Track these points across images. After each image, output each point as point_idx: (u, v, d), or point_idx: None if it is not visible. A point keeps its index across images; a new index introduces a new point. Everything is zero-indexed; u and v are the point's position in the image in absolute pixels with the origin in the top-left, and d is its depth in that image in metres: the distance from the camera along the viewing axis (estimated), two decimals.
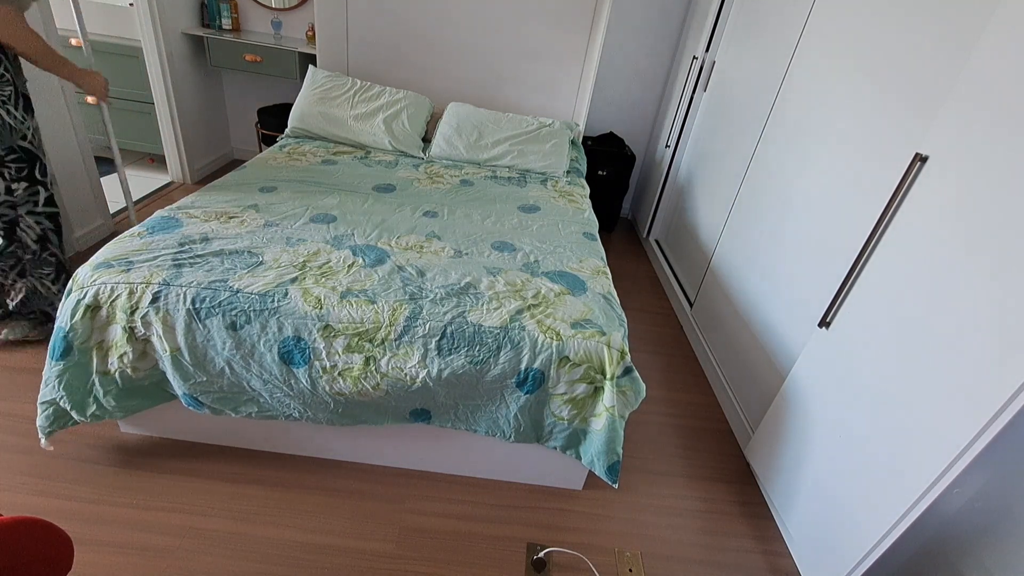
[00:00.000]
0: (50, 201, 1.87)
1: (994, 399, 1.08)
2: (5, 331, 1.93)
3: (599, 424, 1.53)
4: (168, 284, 1.45)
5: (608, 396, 1.49)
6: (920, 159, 1.32)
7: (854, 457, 1.44)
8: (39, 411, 1.50)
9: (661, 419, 2.17)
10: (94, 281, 1.45)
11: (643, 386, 1.53)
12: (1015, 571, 1.18)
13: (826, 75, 1.89)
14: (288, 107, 3.28)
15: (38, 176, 1.81)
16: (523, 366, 1.48)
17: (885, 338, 1.38)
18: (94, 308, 1.44)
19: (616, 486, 1.68)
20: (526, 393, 1.51)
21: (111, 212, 2.87)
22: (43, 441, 1.53)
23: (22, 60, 1.75)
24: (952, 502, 1.24)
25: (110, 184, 3.25)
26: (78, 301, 1.43)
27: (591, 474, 1.81)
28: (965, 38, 1.34)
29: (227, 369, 1.48)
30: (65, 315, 1.44)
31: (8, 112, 1.68)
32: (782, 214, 2.04)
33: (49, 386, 1.47)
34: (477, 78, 3.21)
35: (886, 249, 1.41)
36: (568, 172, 2.90)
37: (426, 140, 3.00)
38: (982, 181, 1.17)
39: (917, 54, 1.49)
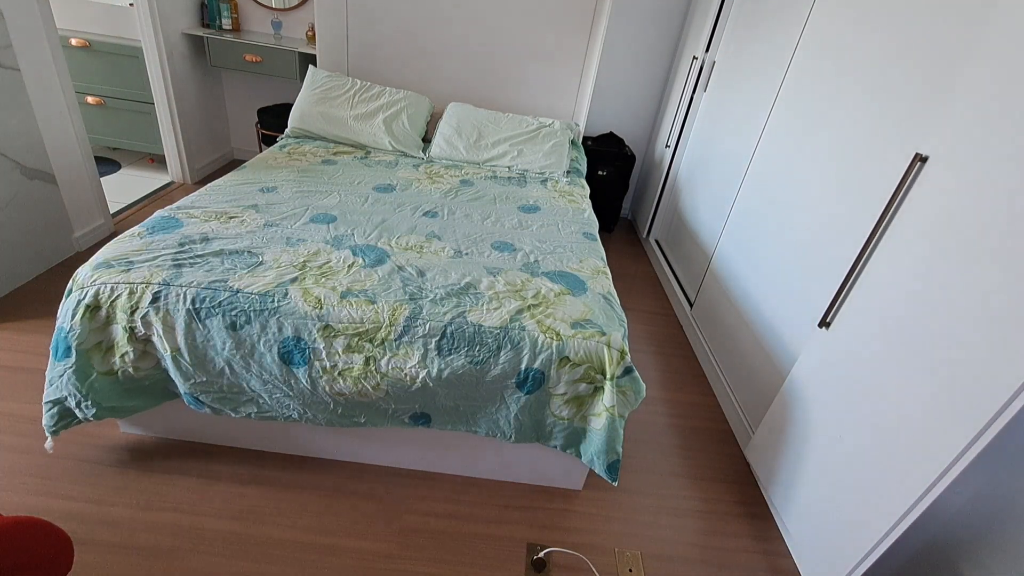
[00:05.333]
0: None
1: (994, 399, 1.08)
2: None
3: (599, 423, 1.53)
4: (168, 284, 1.45)
5: (608, 396, 1.49)
6: (920, 159, 1.32)
7: (854, 457, 1.44)
8: (44, 410, 1.50)
9: (661, 419, 2.17)
10: (94, 281, 1.45)
11: (643, 386, 1.53)
12: (1015, 571, 1.18)
13: (826, 74, 1.89)
14: (288, 107, 3.28)
15: None
16: (523, 366, 1.48)
17: (885, 338, 1.38)
18: (94, 308, 1.44)
19: (616, 484, 1.68)
20: (526, 393, 1.51)
21: (111, 212, 2.87)
22: (48, 440, 1.53)
23: None
24: (952, 502, 1.24)
25: (110, 184, 3.25)
26: (78, 301, 1.43)
27: (591, 474, 1.80)
28: (965, 37, 1.34)
29: (227, 369, 1.48)
30: (66, 315, 1.44)
31: None
32: (782, 214, 2.04)
33: (53, 386, 1.47)
34: (477, 78, 3.21)
35: (886, 249, 1.41)
36: (568, 172, 2.90)
37: (426, 140, 3.00)
38: (982, 181, 1.17)
39: (917, 53, 1.49)
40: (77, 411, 1.50)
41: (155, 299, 1.44)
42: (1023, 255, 1.07)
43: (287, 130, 2.84)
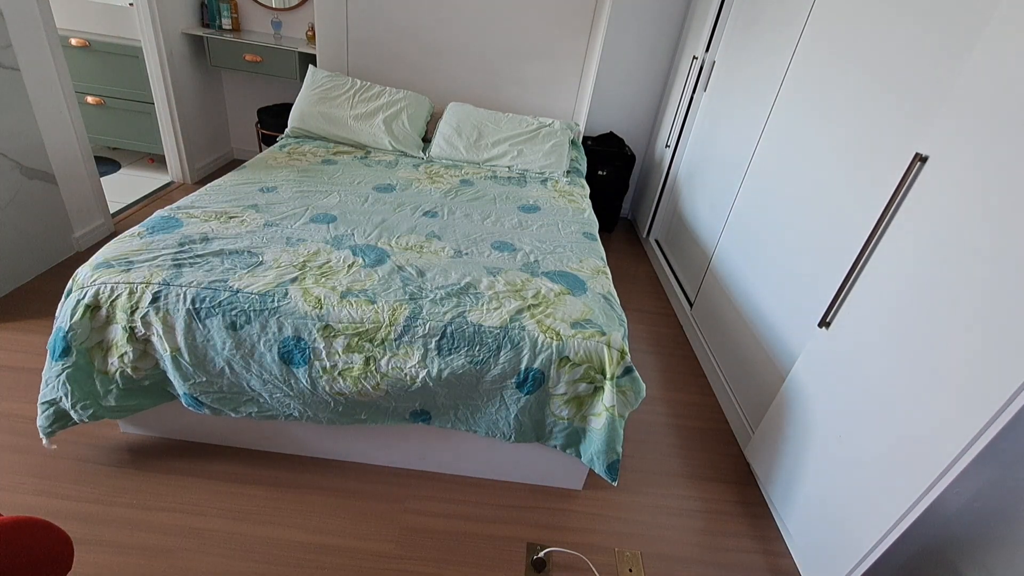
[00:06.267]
0: None
1: (994, 399, 1.08)
2: None
3: (599, 423, 1.53)
4: (168, 284, 1.45)
5: (608, 396, 1.49)
6: (920, 159, 1.32)
7: (854, 457, 1.44)
8: (39, 411, 1.50)
9: (661, 419, 2.17)
10: (94, 281, 1.45)
11: (643, 386, 1.53)
12: (1015, 571, 1.18)
13: (826, 75, 1.89)
14: (288, 107, 3.28)
15: None
16: (523, 366, 1.48)
17: (885, 338, 1.38)
18: (94, 308, 1.44)
19: (616, 484, 1.68)
20: (526, 394, 1.51)
21: (111, 212, 2.87)
22: (44, 441, 1.52)
23: None
24: (952, 502, 1.24)
25: (110, 184, 3.25)
26: (78, 301, 1.43)
27: (591, 474, 1.80)
28: (965, 37, 1.34)
29: (227, 369, 1.48)
30: (65, 315, 1.44)
31: None
32: (782, 214, 2.04)
33: (49, 386, 1.47)
34: (477, 78, 3.21)
35: (886, 249, 1.41)
36: (568, 172, 2.90)
37: (426, 140, 3.00)
38: (982, 181, 1.17)
39: (917, 53, 1.49)
40: (72, 412, 1.49)
41: (155, 299, 1.44)
42: (1022, 255, 1.07)
43: (287, 130, 2.84)
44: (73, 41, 3.13)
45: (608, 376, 1.49)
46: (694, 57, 3.07)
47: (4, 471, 1.57)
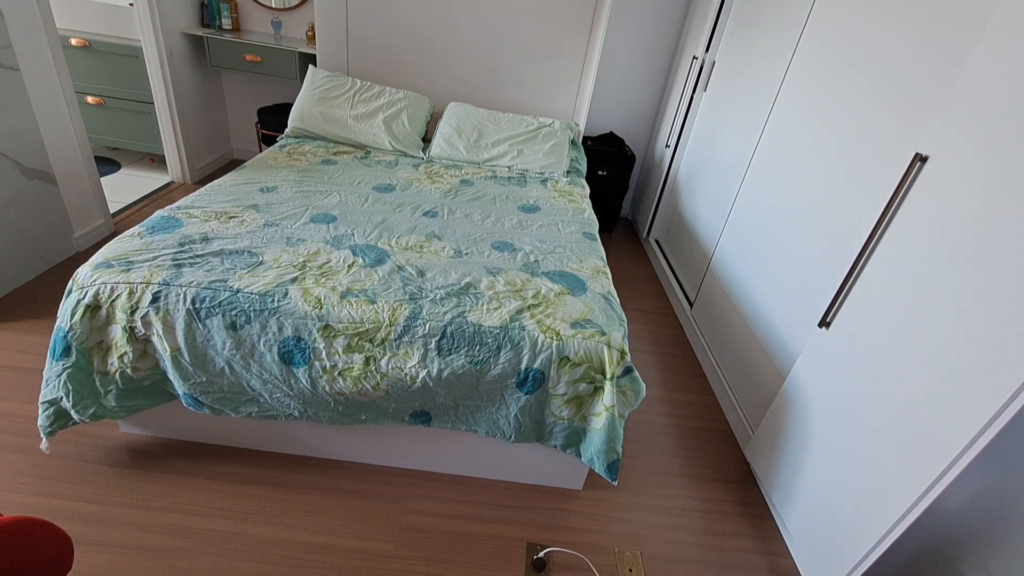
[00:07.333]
0: None
1: (994, 399, 1.08)
2: None
3: (599, 423, 1.53)
4: (168, 284, 1.45)
5: (608, 396, 1.49)
6: (920, 159, 1.32)
7: (854, 457, 1.44)
8: (40, 411, 1.50)
9: (661, 419, 2.17)
10: (94, 281, 1.45)
11: (643, 386, 1.53)
12: (1015, 571, 1.18)
13: (826, 74, 1.89)
14: (288, 107, 3.29)
15: None
16: (523, 366, 1.48)
17: (885, 338, 1.38)
18: (94, 308, 1.44)
19: (616, 484, 1.68)
20: (526, 393, 1.51)
21: (111, 212, 2.87)
22: (44, 442, 1.52)
23: None
24: (952, 502, 1.24)
25: (110, 184, 3.25)
26: (78, 301, 1.43)
27: (591, 474, 1.81)
28: (965, 37, 1.34)
29: (227, 369, 1.48)
30: (65, 315, 1.44)
31: None
32: (782, 214, 2.04)
33: (50, 386, 1.47)
34: (477, 78, 3.21)
35: (886, 249, 1.41)
36: (568, 172, 2.90)
37: (426, 140, 3.01)
38: (982, 181, 1.17)
39: (917, 53, 1.49)
40: (73, 412, 1.49)
41: (155, 299, 1.44)
42: (1022, 255, 1.07)
43: (287, 130, 2.84)
44: (73, 41, 3.13)
45: (608, 376, 1.49)
46: (694, 57, 3.07)
47: (4, 471, 1.57)
